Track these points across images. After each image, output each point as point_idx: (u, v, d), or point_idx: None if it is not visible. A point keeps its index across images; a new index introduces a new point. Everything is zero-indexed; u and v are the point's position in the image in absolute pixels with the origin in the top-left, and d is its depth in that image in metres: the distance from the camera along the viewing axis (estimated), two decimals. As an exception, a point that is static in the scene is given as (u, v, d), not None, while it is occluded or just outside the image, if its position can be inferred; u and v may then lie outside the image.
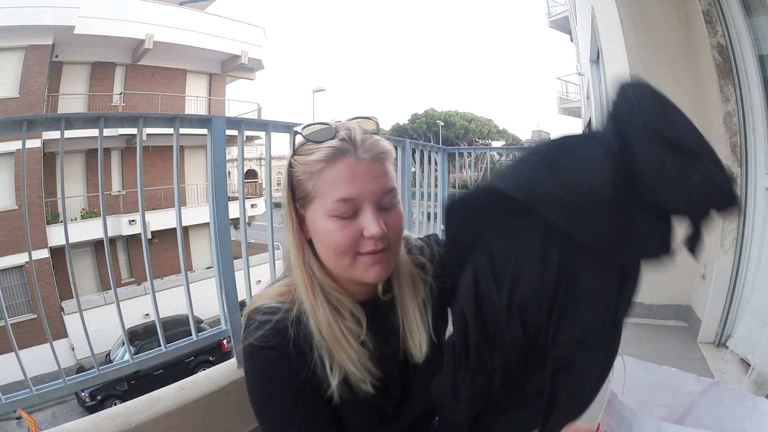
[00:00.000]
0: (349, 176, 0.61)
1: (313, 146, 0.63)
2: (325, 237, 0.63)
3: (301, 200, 0.65)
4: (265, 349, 0.64)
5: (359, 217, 0.62)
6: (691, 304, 2.53)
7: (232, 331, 1.47)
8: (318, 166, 0.62)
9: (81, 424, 1.15)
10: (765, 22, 1.94)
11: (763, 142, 1.98)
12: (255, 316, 0.66)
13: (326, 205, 0.62)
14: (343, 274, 0.66)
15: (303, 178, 0.63)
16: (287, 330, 0.64)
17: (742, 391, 0.78)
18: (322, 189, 0.62)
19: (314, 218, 0.64)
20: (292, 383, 0.64)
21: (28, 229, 1.29)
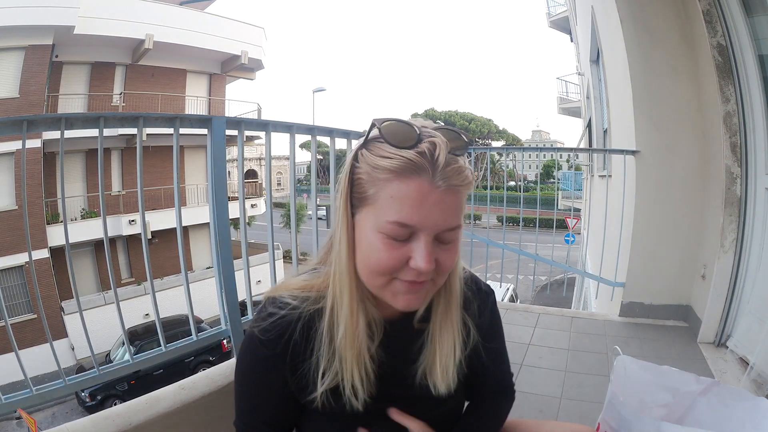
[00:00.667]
0: (417, 201, 0.54)
1: (387, 149, 0.55)
2: (368, 250, 0.58)
3: (357, 200, 0.58)
4: (260, 343, 0.63)
5: (411, 243, 0.56)
6: (691, 304, 2.53)
7: (232, 331, 1.47)
8: (385, 175, 0.55)
9: (81, 424, 1.15)
10: (765, 22, 1.94)
11: (763, 142, 1.98)
12: (269, 306, 0.65)
13: (380, 220, 0.55)
14: (372, 290, 0.61)
15: (365, 178, 0.57)
16: (292, 330, 0.63)
17: (743, 391, 0.78)
18: (382, 202, 0.55)
19: (362, 224, 0.58)
20: (270, 381, 0.65)
21: (28, 229, 1.29)
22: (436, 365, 0.66)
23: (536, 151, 5.98)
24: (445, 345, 0.66)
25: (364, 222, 0.58)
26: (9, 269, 9.50)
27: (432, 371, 0.67)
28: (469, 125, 35.81)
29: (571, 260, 5.93)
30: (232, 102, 14.33)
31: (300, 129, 1.66)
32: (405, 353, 0.68)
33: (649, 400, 0.83)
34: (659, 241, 2.61)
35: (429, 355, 0.67)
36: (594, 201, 5.39)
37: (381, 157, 0.55)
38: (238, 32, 13.39)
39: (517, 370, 2.07)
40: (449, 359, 0.66)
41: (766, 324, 1.87)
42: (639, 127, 2.59)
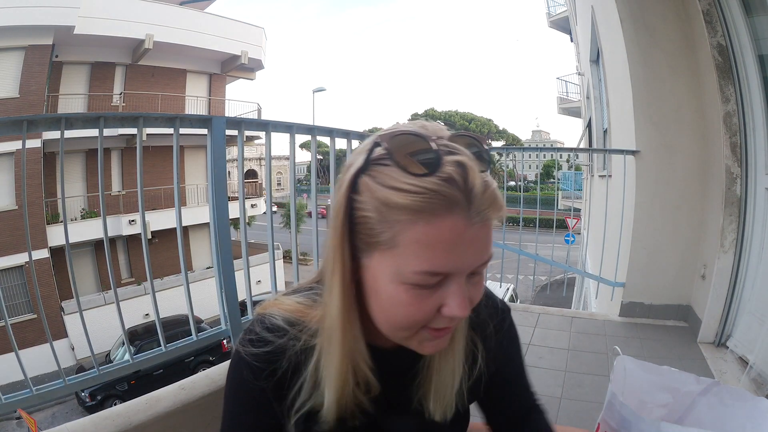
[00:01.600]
0: (451, 245, 0.43)
1: (401, 177, 0.43)
2: (389, 303, 0.47)
3: (363, 243, 0.47)
4: (246, 366, 0.57)
5: (441, 289, 0.46)
6: (691, 304, 2.53)
7: (232, 331, 1.47)
8: (405, 216, 0.42)
9: (81, 424, 1.15)
10: (765, 22, 1.94)
11: (763, 142, 1.98)
12: (258, 326, 0.58)
13: (403, 271, 0.44)
14: (393, 338, 0.53)
15: (374, 217, 0.44)
16: (280, 361, 0.56)
17: (742, 391, 0.78)
18: (405, 248, 0.43)
19: (377, 273, 0.47)
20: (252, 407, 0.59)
21: (28, 229, 1.29)
22: (430, 393, 0.60)
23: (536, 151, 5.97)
24: (444, 372, 0.59)
25: (379, 270, 0.47)
26: (9, 269, 9.51)
27: (427, 399, 0.60)
28: (469, 125, 35.81)
29: (571, 260, 5.94)
30: (232, 102, 14.34)
31: (300, 129, 1.66)
32: (397, 382, 0.61)
33: (648, 400, 0.83)
34: (659, 241, 2.61)
35: (424, 384, 0.60)
36: (594, 201, 5.39)
37: (394, 190, 0.43)
38: (238, 32, 13.40)
39: (517, 370, 2.07)
40: (448, 387, 0.60)
41: (766, 324, 1.87)
42: (639, 127, 2.59)
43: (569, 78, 12.16)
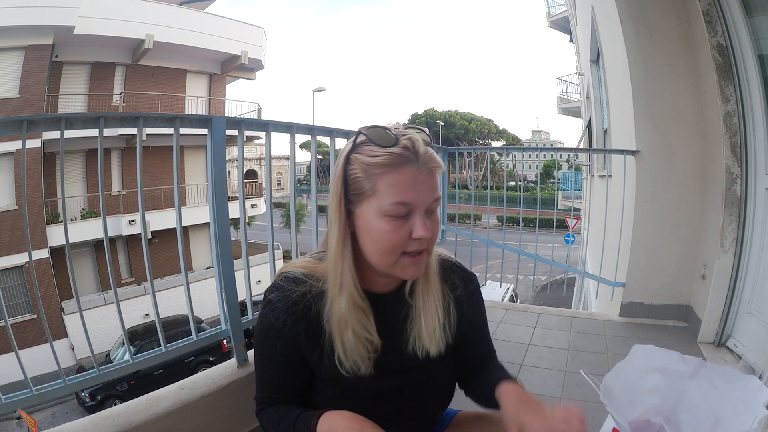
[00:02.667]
0: (410, 184, 0.67)
1: (376, 149, 0.68)
2: (377, 235, 0.69)
3: (354, 196, 0.70)
4: (270, 312, 0.74)
5: (410, 220, 0.69)
6: (691, 304, 2.53)
7: (232, 331, 1.47)
8: (380, 169, 0.67)
9: (81, 424, 1.15)
10: (765, 22, 1.94)
11: (763, 142, 1.98)
12: (281, 279, 0.76)
13: (383, 205, 0.68)
14: (383, 269, 0.73)
15: (361, 176, 0.69)
16: (298, 303, 0.74)
17: (730, 370, 0.78)
18: (382, 190, 0.68)
19: (366, 215, 0.70)
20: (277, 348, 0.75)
21: (28, 229, 1.29)
22: (422, 330, 0.78)
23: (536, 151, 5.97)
24: (429, 311, 0.78)
25: (366, 213, 0.69)
26: (9, 269, 9.51)
27: (420, 336, 0.78)
28: (469, 125, 35.81)
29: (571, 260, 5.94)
30: (232, 102, 14.35)
31: (300, 129, 1.66)
32: (395, 326, 0.79)
33: (639, 386, 0.84)
34: (659, 241, 2.61)
35: (416, 322, 0.78)
36: (594, 201, 5.39)
37: (373, 157, 0.68)
38: (238, 32, 13.40)
39: (517, 370, 2.07)
40: (434, 322, 0.78)
41: (766, 324, 1.87)
42: (639, 127, 2.59)
43: (569, 78, 12.17)
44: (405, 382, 0.80)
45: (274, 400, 0.78)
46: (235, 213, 1.65)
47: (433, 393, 0.84)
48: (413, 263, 0.71)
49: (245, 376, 1.41)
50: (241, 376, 1.40)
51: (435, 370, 0.82)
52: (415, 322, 0.78)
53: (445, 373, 0.86)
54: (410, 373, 0.80)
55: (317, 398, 0.79)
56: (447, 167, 3.36)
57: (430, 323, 0.78)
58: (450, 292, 0.83)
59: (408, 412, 0.81)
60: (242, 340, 1.49)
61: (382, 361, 0.76)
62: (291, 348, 0.75)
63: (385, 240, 0.69)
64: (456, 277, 0.85)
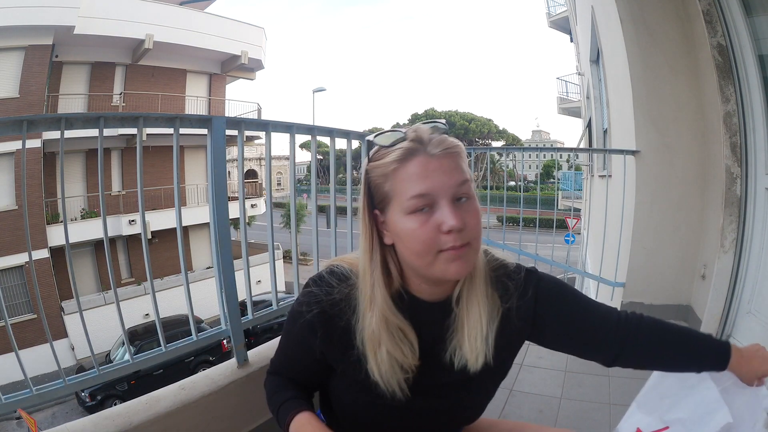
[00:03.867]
0: (422, 172, 0.63)
1: (385, 150, 0.66)
2: (406, 236, 0.65)
3: (380, 204, 0.68)
4: (303, 302, 0.73)
5: (436, 212, 0.63)
6: (691, 304, 2.53)
7: (232, 331, 1.47)
8: (392, 167, 0.65)
9: (81, 424, 1.15)
10: (765, 22, 1.94)
11: (763, 142, 1.98)
12: (326, 273, 0.74)
13: (403, 204, 0.64)
14: (425, 272, 0.67)
15: (379, 181, 0.67)
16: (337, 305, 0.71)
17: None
18: (398, 188, 0.65)
19: (394, 219, 0.66)
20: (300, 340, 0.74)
21: (28, 229, 1.29)
22: (464, 339, 0.70)
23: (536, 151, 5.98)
24: (472, 317, 0.70)
25: (394, 217, 0.66)
26: (9, 269, 9.51)
27: (461, 347, 0.71)
28: (469, 125, 35.80)
29: (571, 260, 5.93)
30: (232, 102, 14.35)
31: (300, 129, 1.66)
32: (438, 338, 0.72)
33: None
34: (659, 241, 2.61)
35: (458, 332, 0.71)
36: (594, 201, 5.39)
37: (383, 159, 0.66)
38: (238, 32, 13.39)
39: (517, 370, 2.07)
40: (477, 330, 0.70)
41: (766, 324, 1.87)
42: (639, 127, 2.59)
43: (569, 78, 12.17)
44: (439, 402, 0.75)
45: (283, 373, 0.81)
46: (235, 213, 1.65)
47: (458, 414, 0.80)
48: (455, 258, 0.64)
49: (245, 376, 1.41)
50: (241, 376, 1.40)
51: (472, 391, 0.76)
52: (457, 332, 0.71)
53: (476, 399, 0.79)
54: (446, 392, 0.75)
55: (336, 396, 0.77)
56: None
57: (473, 331, 0.70)
58: (501, 302, 0.74)
59: (434, 428, 0.78)
60: (242, 340, 1.48)
61: (418, 378, 0.71)
62: (311, 345, 0.73)
63: (415, 239, 0.64)
64: (511, 284, 0.75)
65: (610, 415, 1.65)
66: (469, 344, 0.70)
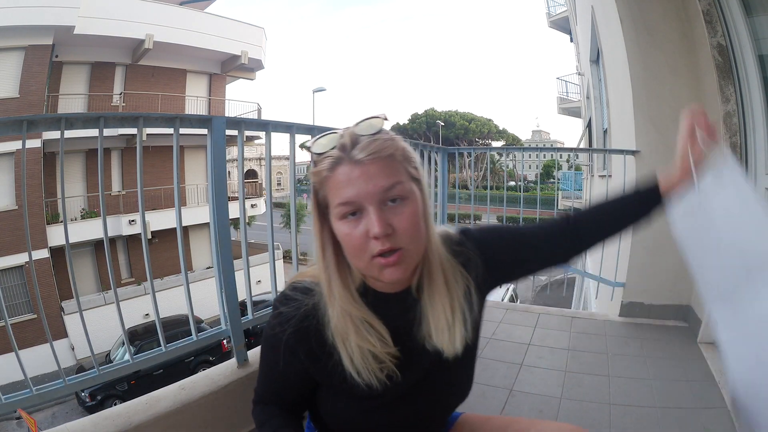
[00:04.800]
0: (346, 180, 0.64)
1: (318, 158, 0.68)
2: (342, 240, 0.67)
3: (323, 207, 0.70)
4: (275, 320, 0.73)
5: (365, 218, 0.64)
6: (691, 304, 2.53)
7: (232, 331, 1.47)
8: (324, 175, 0.67)
9: (81, 424, 1.15)
10: (765, 22, 1.94)
11: (763, 142, 1.98)
12: (288, 289, 0.75)
13: (335, 210, 0.66)
14: (366, 273, 0.70)
15: (318, 187, 0.69)
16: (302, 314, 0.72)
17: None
18: (330, 195, 0.67)
19: (333, 222, 0.68)
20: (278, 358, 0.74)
21: (28, 229, 1.29)
22: (432, 330, 0.72)
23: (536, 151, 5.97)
24: (435, 309, 0.72)
25: (333, 220, 0.68)
26: (9, 269, 9.50)
27: (431, 337, 0.73)
28: (469, 125, 35.79)
29: (571, 260, 5.91)
30: (232, 102, 14.34)
31: (300, 129, 1.66)
32: (407, 328, 0.74)
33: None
34: (659, 241, 2.61)
35: (425, 322, 0.73)
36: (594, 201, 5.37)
37: (318, 165, 0.68)
38: (238, 32, 13.39)
39: (517, 370, 2.07)
40: (442, 322, 0.72)
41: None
42: (639, 127, 2.59)
43: (569, 78, 12.17)
44: (420, 388, 0.76)
45: (269, 400, 0.80)
46: (235, 213, 1.65)
47: (448, 396, 0.81)
48: (386, 265, 0.65)
49: (245, 376, 1.41)
50: (241, 376, 1.40)
51: (451, 373, 0.78)
52: (423, 323, 0.73)
53: (462, 376, 0.81)
54: (425, 377, 0.76)
55: (325, 407, 0.78)
56: (447, 167, 3.36)
57: (440, 323, 0.72)
58: (468, 273, 0.76)
59: (421, 417, 0.79)
60: (242, 340, 1.49)
61: (399, 366, 0.73)
62: (295, 364, 0.73)
63: (347, 244, 0.66)
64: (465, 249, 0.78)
65: (610, 415, 1.65)
66: (437, 334, 0.72)
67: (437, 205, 3.15)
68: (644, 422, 1.61)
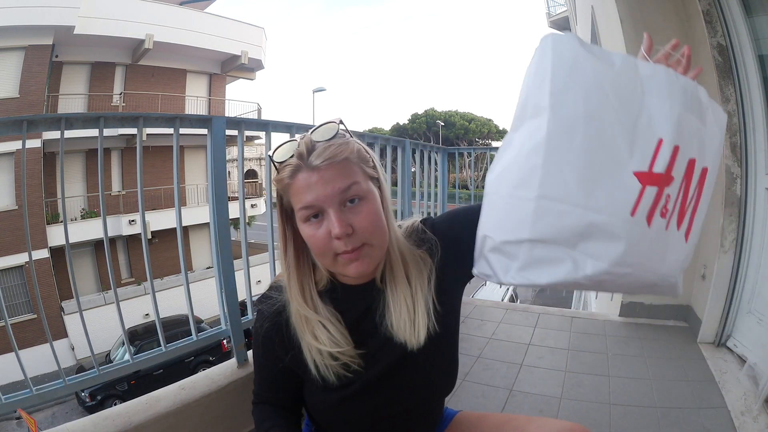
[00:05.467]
0: (305, 186, 0.68)
1: (280, 166, 0.71)
2: (307, 240, 0.71)
3: (286, 211, 0.74)
4: (258, 319, 0.80)
5: (326, 219, 0.68)
6: (691, 304, 2.53)
7: (232, 331, 1.47)
8: (285, 182, 0.70)
9: (81, 424, 1.15)
10: (765, 22, 1.94)
11: (763, 142, 1.98)
12: (270, 289, 0.81)
13: (298, 213, 0.70)
14: (331, 269, 0.75)
15: (281, 193, 0.73)
16: (277, 311, 0.78)
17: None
18: (293, 200, 0.70)
19: (299, 225, 0.72)
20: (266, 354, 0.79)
21: (28, 229, 1.29)
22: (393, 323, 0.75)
23: (536, 151, 5.94)
24: (397, 303, 0.75)
25: (298, 223, 0.71)
26: (9, 269, 9.50)
27: (393, 328, 0.75)
28: (469, 125, 35.79)
29: (571, 260, 5.91)
30: (232, 102, 14.34)
31: (300, 129, 1.66)
32: (372, 319, 0.77)
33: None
34: (659, 241, 2.61)
35: (387, 314, 0.76)
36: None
37: (280, 173, 0.71)
38: (238, 32, 13.39)
39: (517, 370, 2.07)
40: (404, 314, 0.75)
41: (766, 324, 1.87)
42: (639, 127, 2.59)
43: (569, 78, 12.13)
44: (390, 377, 0.77)
45: (265, 398, 0.83)
46: (235, 213, 1.65)
47: (425, 386, 0.80)
48: (350, 260, 0.69)
49: (245, 376, 1.41)
50: (241, 376, 1.40)
51: (421, 362, 0.77)
52: (387, 313, 0.76)
53: (438, 365, 0.80)
54: (394, 367, 0.77)
55: (308, 401, 0.82)
56: (447, 167, 3.36)
57: (402, 314, 0.75)
58: (432, 259, 0.78)
59: (397, 407, 0.79)
60: (242, 340, 1.49)
61: (368, 362, 0.75)
62: (275, 358, 0.78)
63: (312, 244, 0.70)
64: (427, 237, 0.80)
65: (610, 415, 1.65)
66: (398, 326, 0.75)
67: (437, 205, 3.15)
68: (644, 422, 1.61)
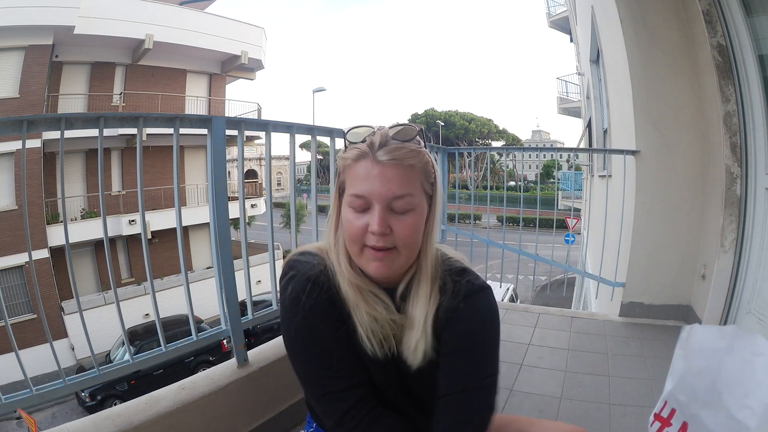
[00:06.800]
0: (364, 176, 0.69)
1: (349, 146, 0.73)
2: (344, 222, 0.73)
3: (341, 189, 0.75)
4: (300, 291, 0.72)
5: (369, 212, 0.70)
6: (691, 304, 2.53)
7: (232, 331, 1.47)
8: (347, 162, 0.72)
9: (81, 424, 1.15)
10: (765, 22, 1.94)
11: (763, 142, 1.98)
12: (296, 257, 0.78)
13: (347, 197, 0.72)
14: (355, 260, 0.74)
15: (342, 170, 0.74)
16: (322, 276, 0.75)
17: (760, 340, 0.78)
18: (348, 182, 0.72)
19: (343, 204, 0.74)
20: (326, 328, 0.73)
21: (28, 229, 1.29)
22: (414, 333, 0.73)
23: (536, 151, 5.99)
24: (414, 321, 0.74)
25: (344, 202, 0.73)
26: (9, 269, 9.50)
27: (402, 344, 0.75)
28: (469, 125, 35.81)
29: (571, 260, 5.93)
30: (232, 102, 14.34)
31: (300, 129, 1.66)
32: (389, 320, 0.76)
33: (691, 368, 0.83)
34: (659, 241, 2.61)
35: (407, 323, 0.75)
36: (594, 201, 5.39)
37: (347, 153, 0.73)
38: (238, 32, 13.39)
39: (517, 370, 2.07)
40: (417, 335, 0.73)
41: (766, 324, 1.87)
42: (639, 127, 2.59)
43: (569, 78, 12.17)
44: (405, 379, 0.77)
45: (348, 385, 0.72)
46: (235, 213, 1.65)
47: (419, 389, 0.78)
48: (375, 258, 0.70)
49: (245, 376, 1.41)
50: (241, 376, 1.40)
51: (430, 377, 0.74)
52: (402, 328, 0.75)
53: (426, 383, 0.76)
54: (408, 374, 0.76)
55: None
56: (447, 167, 3.36)
57: (413, 335, 0.73)
58: (440, 294, 0.75)
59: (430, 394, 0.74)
60: (242, 341, 1.49)
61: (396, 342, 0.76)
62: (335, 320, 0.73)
63: (348, 227, 0.71)
64: (451, 281, 0.75)
65: (610, 415, 1.65)
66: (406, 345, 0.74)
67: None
68: (644, 422, 1.61)
